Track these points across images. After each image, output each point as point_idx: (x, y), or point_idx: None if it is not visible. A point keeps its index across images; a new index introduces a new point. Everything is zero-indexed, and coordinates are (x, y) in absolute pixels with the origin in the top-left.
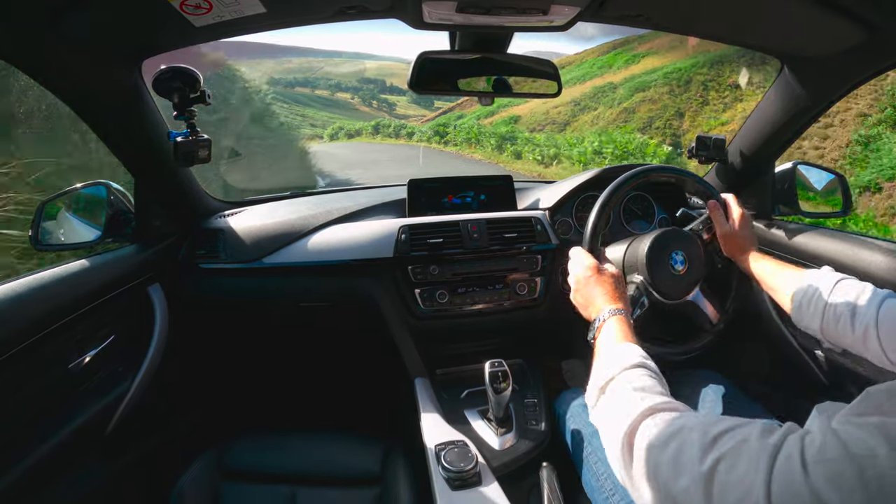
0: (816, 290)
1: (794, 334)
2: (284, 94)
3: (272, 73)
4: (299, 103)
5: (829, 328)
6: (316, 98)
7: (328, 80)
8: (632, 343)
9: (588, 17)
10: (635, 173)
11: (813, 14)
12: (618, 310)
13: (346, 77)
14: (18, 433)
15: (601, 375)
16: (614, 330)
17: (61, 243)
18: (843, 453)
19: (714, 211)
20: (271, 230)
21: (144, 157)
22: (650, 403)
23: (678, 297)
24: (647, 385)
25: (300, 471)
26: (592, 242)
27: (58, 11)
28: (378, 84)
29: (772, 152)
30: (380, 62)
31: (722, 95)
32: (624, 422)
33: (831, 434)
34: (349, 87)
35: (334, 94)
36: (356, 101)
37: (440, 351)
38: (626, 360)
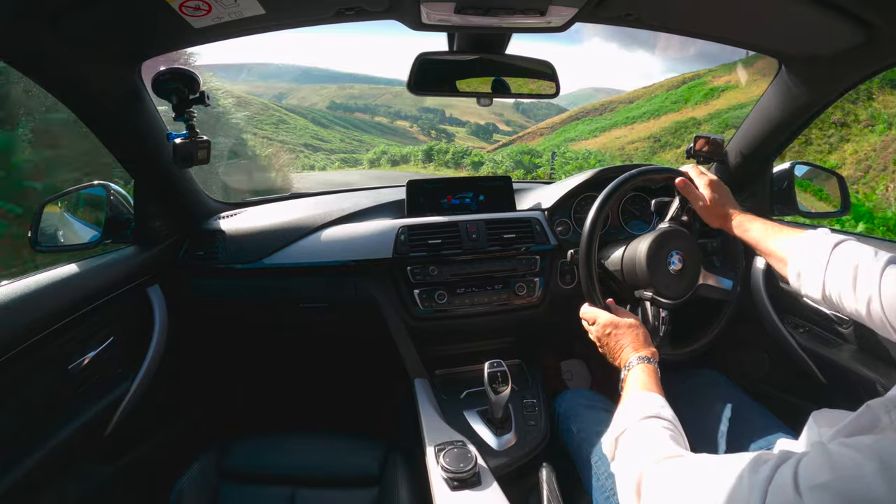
0: (815, 255)
1: (794, 334)
2: (344, 118)
3: (335, 97)
4: (357, 128)
5: (831, 296)
6: (375, 124)
7: (388, 107)
8: (652, 392)
9: (585, 17)
10: (612, 189)
11: (811, 14)
12: (642, 358)
13: (406, 106)
14: (18, 434)
15: (618, 426)
16: (636, 379)
17: (61, 245)
18: (834, 477)
19: (682, 188)
20: (271, 231)
21: (144, 159)
22: (657, 452)
23: (679, 296)
24: (656, 435)
25: (299, 471)
26: (593, 298)
27: (58, 12)
28: (437, 114)
29: (770, 152)
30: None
31: (826, 134)
32: (632, 472)
33: (825, 456)
34: (408, 116)
35: (393, 122)
36: (415, 130)
37: (439, 351)
38: (642, 411)
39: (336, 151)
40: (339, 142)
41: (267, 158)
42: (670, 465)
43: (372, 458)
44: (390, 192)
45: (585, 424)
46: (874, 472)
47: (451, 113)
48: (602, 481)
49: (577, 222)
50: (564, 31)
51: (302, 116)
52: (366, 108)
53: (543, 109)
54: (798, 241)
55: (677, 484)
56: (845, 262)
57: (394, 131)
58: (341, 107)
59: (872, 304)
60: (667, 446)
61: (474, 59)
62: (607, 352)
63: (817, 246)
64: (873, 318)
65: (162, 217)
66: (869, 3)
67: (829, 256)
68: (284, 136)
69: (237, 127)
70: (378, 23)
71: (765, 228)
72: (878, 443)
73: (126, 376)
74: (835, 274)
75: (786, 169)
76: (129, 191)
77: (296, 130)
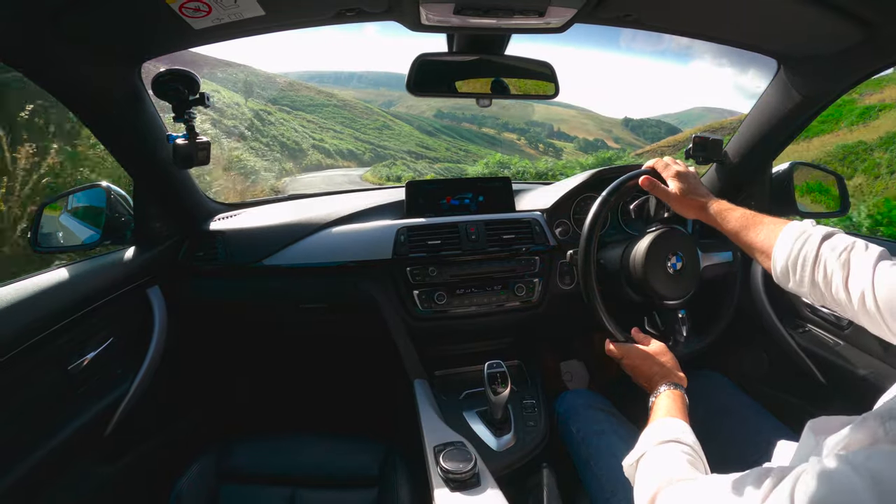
0: (801, 249)
1: (793, 335)
2: (451, 127)
3: (442, 106)
4: (464, 138)
5: (819, 292)
6: (482, 135)
7: (496, 118)
8: (676, 418)
9: (584, 18)
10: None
11: (810, 14)
12: (669, 384)
13: (513, 118)
14: (18, 434)
15: (638, 449)
16: (662, 405)
17: (61, 245)
18: (828, 493)
19: (648, 186)
20: (270, 232)
21: (143, 160)
22: (672, 475)
23: (676, 297)
24: (672, 459)
25: (299, 472)
26: (607, 329)
27: (58, 12)
28: (545, 128)
29: (769, 153)
30: (548, 106)
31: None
32: (648, 491)
33: (820, 473)
34: (516, 128)
35: (500, 134)
36: (522, 143)
37: (439, 352)
38: (661, 436)
39: (440, 160)
40: (445, 150)
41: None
42: (682, 487)
43: (371, 459)
44: (390, 192)
45: (585, 425)
46: (866, 488)
47: (560, 127)
48: (602, 482)
49: (576, 223)
50: (563, 31)
51: (408, 123)
52: (473, 119)
53: (653, 128)
54: (783, 235)
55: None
56: (836, 256)
57: (500, 143)
58: (448, 116)
59: (866, 298)
60: (682, 469)
61: (474, 59)
62: (638, 383)
63: (804, 239)
64: (868, 312)
65: (162, 218)
66: (867, 2)
67: (818, 250)
68: (386, 142)
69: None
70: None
71: (744, 218)
72: (870, 459)
73: (126, 377)
74: (825, 268)
75: (785, 169)
76: (128, 191)
77: (400, 137)
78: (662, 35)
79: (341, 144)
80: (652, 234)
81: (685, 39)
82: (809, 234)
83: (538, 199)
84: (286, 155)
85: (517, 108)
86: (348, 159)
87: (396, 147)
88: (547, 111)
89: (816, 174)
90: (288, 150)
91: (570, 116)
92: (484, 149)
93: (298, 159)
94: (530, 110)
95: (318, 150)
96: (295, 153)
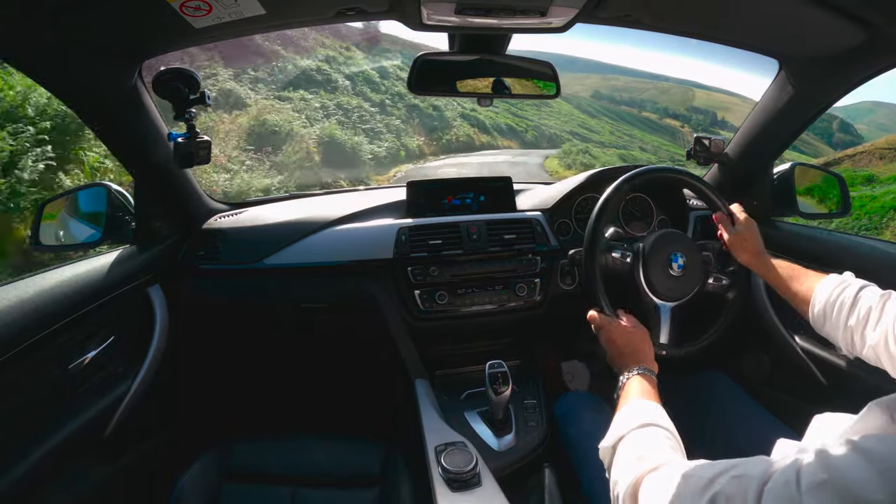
0: (840, 297)
1: (794, 336)
2: (610, 109)
3: (599, 87)
4: (626, 122)
5: (850, 337)
6: (643, 119)
7: (654, 103)
8: (649, 401)
9: (585, 18)
10: (648, 170)
11: (811, 15)
12: (641, 368)
13: (673, 103)
14: (19, 434)
15: (613, 434)
16: (633, 389)
17: (61, 244)
18: (834, 476)
19: (721, 221)
20: (271, 231)
21: (144, 159)
22: (654, 461)
23: (679, 297)
24: (653, 442)
25: (300, 472)
26: (596, 297)
27: (58, 12)
28: (709, 115)
29: (770, 153)
30: (709, 92)
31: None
32: (628, 478)
33: (826, 456)
34: (678, 115)
35: (662, 119)
36: (686, 131)
37: (440, 352)
38: (638, 420)
39: (607, 145)
40: (609, 134)
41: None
42: (667, 471)
43: (373, 459)
44: (391, 192)
45: (584, 427)
46: (874, 472)
47: (724, 116)
48: (601, 484)
49: (577, 223)
50: (565, 31)
51: (566, 101)
52: (631, 102)
53: (823, 122)
54: (824, 282)
55: (674, 488)
56: (869, 301)
57: (663, 129)
58: (606, 97)
59: (889, 339)
60: (665, 453)
61: (475, 59)
62: (610, 358)
63: (844, 287)
64: (890, 352)
65: (162, 217)
66: (868, 4)
67: (857, 296)
68: (546, 120)
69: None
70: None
71: (790, 269)
72: (880, 443)
73: (127, 376)
74: (859, 313)
75: (786, 170)
76: (128, 190)
77: (560, 115)
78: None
79: (497, 118)
80: (655, 234)
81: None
82: (849, 283)
83: (539, 199)
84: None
85: (676, 92)
86: (508, 137)
87: (558, 127)
88: (709, 97)
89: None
90: (422, 118)
91: (733, 104)
92: (649, 135)
93: (436, 133)
94: (691, 95)
95: (467, 122)
96: (433, 123)
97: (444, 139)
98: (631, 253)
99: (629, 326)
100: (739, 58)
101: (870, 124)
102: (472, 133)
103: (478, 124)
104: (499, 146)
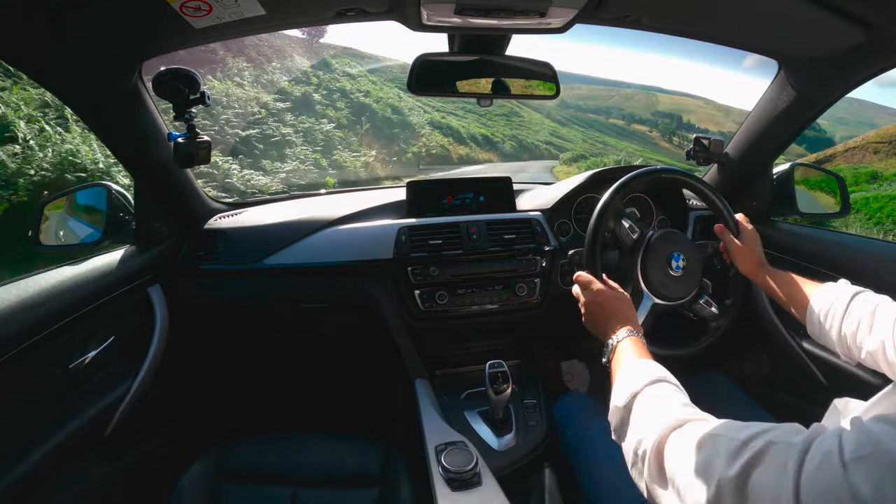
0: (833, 305)
1: (794, 336)
2: (578, 118)
3: (564, 96)
4: (596, 129)
5: (846, 343)
6: (611, 126)
7: (620, 109)
8: (649, 359)
9: (584, 18)
10: (659, 170)
11: (811, 15)
12: (630, 331)
13: (638, 109)
14: (19, 433)
15: (623, 393)
16: (630, 350)
17: (61, 244)
18: (878, 451)
19: (722, 234)
20: (271, 231)
21: (144, 159)
22: (677, 416)
23: (674, 298)
24: (672, 398)
25: (300, 472)
26: (592, 260)
27: (58, 12)
28: (674, 119)
29: (770, 154)
30: (672, 96)
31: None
32: (652, 436)
33: (865, 431)
34: (645, 120)
35: (630, 125)
36: (655, 135)
37: (440, 352)
38: (647, 376)
39: (583, 154)
40: (582, 142)
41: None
42: (695, 429)
43: (373, 459)
44: (391, 192)
45: (581, 430)
46: None
47: (689, 119)
48: (600, 485)
49: (577, 223)
50: (564, 32)
51: (536, 111)
52: (598, 110)
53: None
54: (819, 292)
55: (705, 446)
56: (863, 307)
57: (632, 135)
58: (572, 106)
59: (886, 346)
60: (686, 409)
61: (474, 59)
62: (593, 320)
63: (838, 296)
64: (888, 359)
65: (162, 217)
66: (867, 4)
67: (849, 304)
68: (518, 130)
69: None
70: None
71: (790, 281)
72: None
73: (127, 376)
74: (852, 320)
75: (785, 170)
76: (128, 190)
77: (531, 125)
78: None
79: (470, 127)
80: (657, 233)
81: None
82: (843, 290)
83: (539, 200)
84: (366, 135)
85: (640, 98)
86: (486, 149)
87: (531, 137)
88: (672, 101)
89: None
90: (375, 123)
91: (697, 107)
92: (621, 141)
93: (397, 144)
94: (654, 100)
95: (439, 131)
96: (392, 130)
97: (409, 152)
98: (639, 231)
99: (616, 292)
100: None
101: (829, 118)
102: (446, 144)
103: (451, 133)
104: (479, 159)
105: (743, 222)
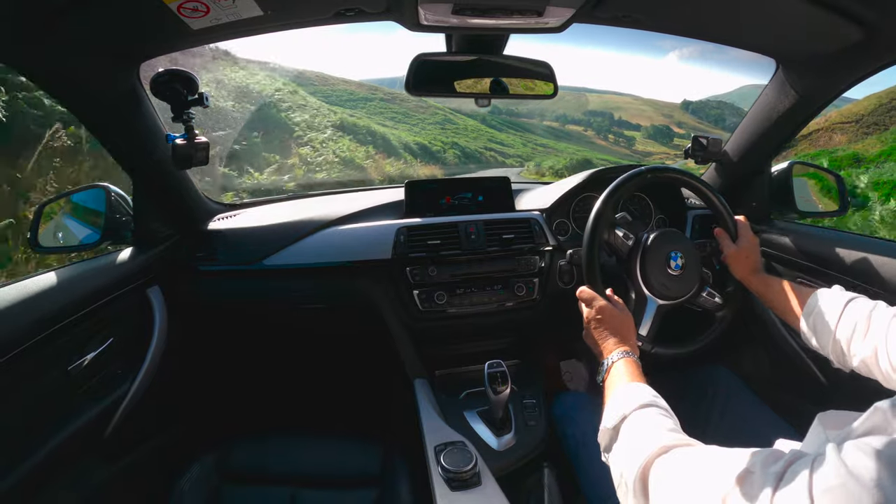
0: (827, 311)
1: (793, 335)
2: (512, 122)
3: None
4: (531, 132)
5: (839, 350)
6: (546, 128)
7: (553, 111)
8: (641, 383)
9: (582, 18)
10: (654, 169)
11: (809, 13)
12: (625, 352)
13: (570, 109)
14: (18, 435)
15: (612, 416)
16: (623, 371)
17: (60, 246)
18: (847, 481)
19: (721, 237)
20: (270, 232)
21: (142, 160)
22: (663, 442)
23: (674, 297)
24: (658, 423)
25: (300, 472)
26: (592, 275)
27: (57, 13)
28: (606, 116)
29: (768, 152)
30: (601, 95)
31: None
32: (637, 460)
33: (838, 460)
34: (578, 120)
35: (564, 126)
36: (591, 134)
37: (439, 352)
38: (636, 401)
39: (526, 158)
40: (522, 146)
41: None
42: (679, 455)
43: (372, 459)
44: (389, 192)
45: (582, 428)
46: (887, 476)
47: (620, 115)
48: (600, 484)
49: (575, 223)
50: (562, 31)
51: (470, 118)
52: (530, 114)
53: (714, 109)
54: (814, 296)
55: (687, 474)
56: (857, 314)
57: (568, 135)
58: (504, 111)
59: (879, 353)
60: (672, 435)
61: (472, 59)
62: (592, 337)
63: (831, 302)
64: (880, 367)
65: (161, 218)
66: (865, 2)
67: (843, 311)
68: (455, 138)
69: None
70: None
71: (784, 288)
72: (890, 445)
73: (126, 377)
74: (846, 326)
75: (784, 168)
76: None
77: (467, 132)
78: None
79: (402, 135)
80: (653, 234)
81: None
82: (837, 297)
83: (537, 199)
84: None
85: (570, 98)
86: (425, 161)
87: (472, 145)
88: (601, 100)
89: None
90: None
91: (626, 104)
92: (560, 143)
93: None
94: (584, 100)
95: (353, 138)
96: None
97: (256, 173)
98: (634, 237)
99: (617, 308)
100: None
101: None
102: (361, 155)
103: (374, 141)
104: (416, 176)
105: (744, 228)
